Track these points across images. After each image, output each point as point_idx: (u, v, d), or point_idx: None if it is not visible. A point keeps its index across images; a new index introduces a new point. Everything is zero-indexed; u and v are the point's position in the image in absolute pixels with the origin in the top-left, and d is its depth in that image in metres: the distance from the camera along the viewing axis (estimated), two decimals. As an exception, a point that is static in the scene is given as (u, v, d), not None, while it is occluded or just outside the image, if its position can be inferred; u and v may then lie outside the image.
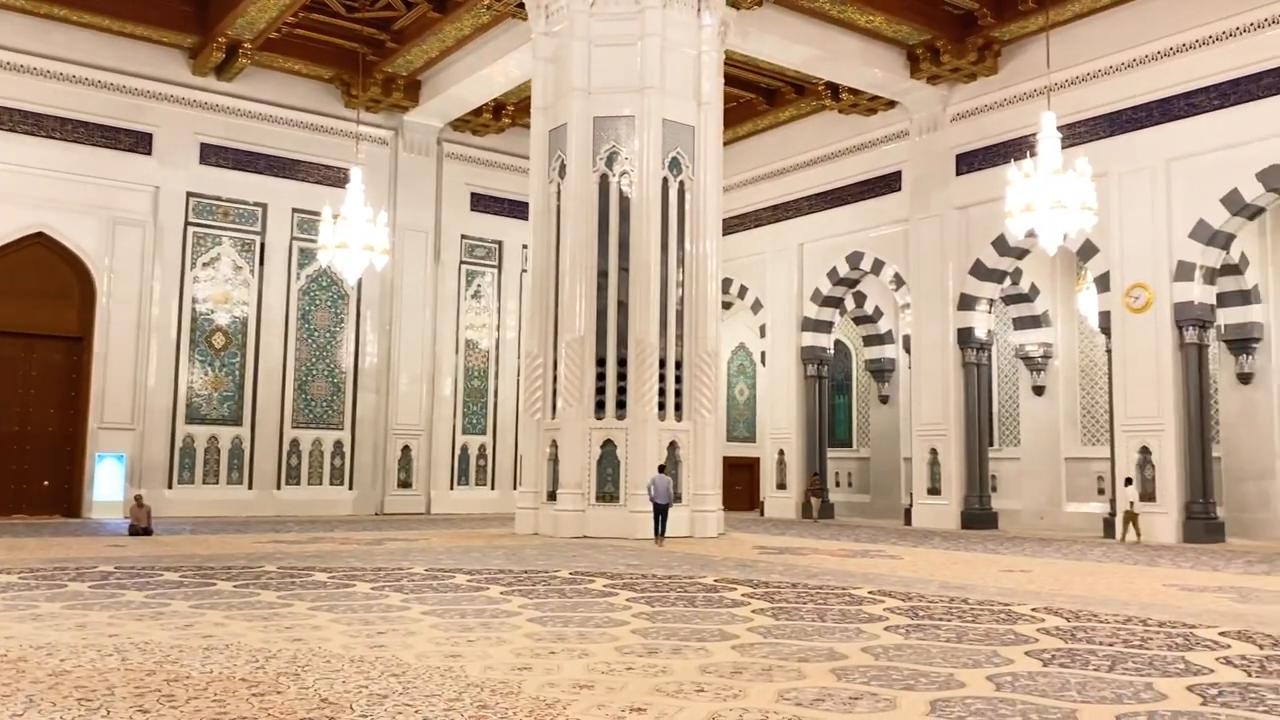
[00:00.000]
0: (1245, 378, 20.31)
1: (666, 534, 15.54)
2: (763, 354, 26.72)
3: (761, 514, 25.82)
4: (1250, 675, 5.47)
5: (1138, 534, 17.63)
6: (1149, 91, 18.65)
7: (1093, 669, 5.61)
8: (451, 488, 25.14)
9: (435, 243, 25.39)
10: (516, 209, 24.94)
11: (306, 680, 5.13)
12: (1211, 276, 18.30)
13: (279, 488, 23.08)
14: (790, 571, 11.25)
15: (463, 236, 25.87)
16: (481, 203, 26.16)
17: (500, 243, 26.24)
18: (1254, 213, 17.91)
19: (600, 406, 16.87)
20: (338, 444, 23.92)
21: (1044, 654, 6.07)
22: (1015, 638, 6.69)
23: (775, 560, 12.78)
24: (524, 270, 24.63)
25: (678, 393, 17.08)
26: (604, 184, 17.33)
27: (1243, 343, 20.24)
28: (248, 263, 23.07)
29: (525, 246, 22.27)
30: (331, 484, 23.79)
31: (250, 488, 22.71)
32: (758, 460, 27.67)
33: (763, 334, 26.54)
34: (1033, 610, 8.10)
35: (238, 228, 23.01)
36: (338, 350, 24.12)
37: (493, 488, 25.67)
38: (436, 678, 5.20)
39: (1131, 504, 17.83)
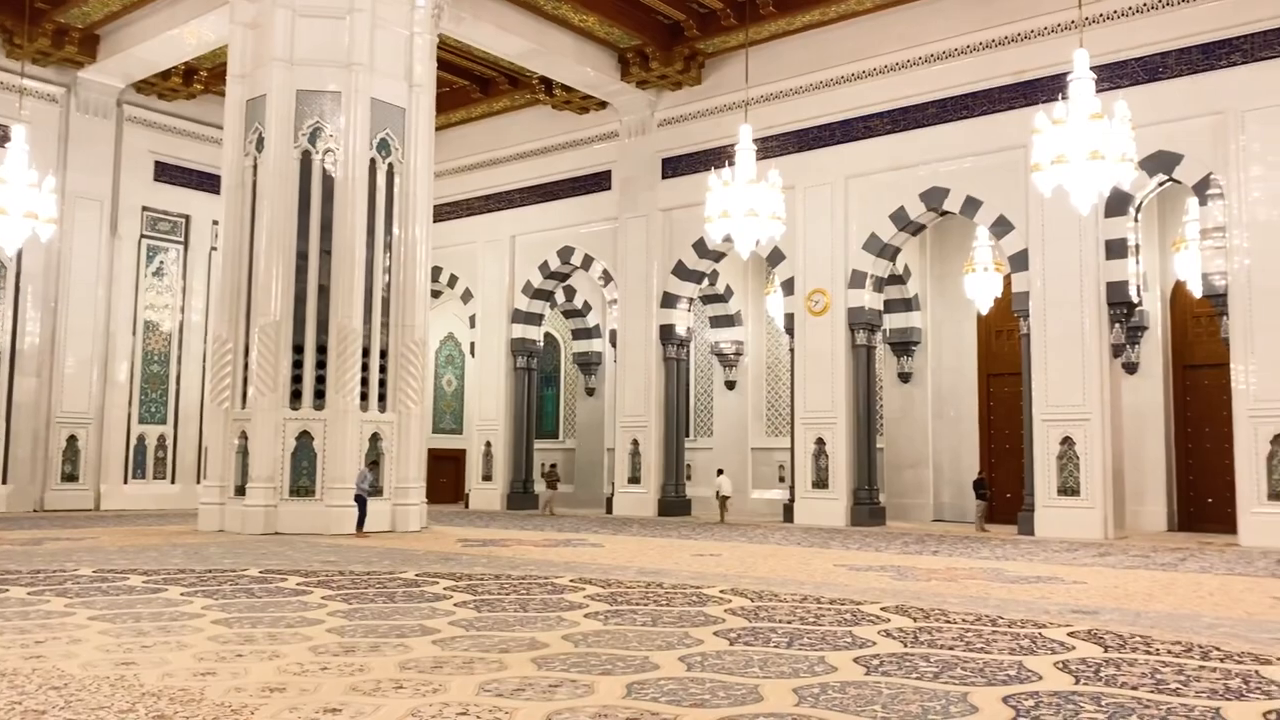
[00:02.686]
0: (906, 376, 22.62)
1: (365, 528, 15.11)
2: (472, 345, 26.55)
3: (467, 506, 25.67)
4: (906, 646, 6.08)
5: (722, 516, 20.41)
6: (832, 113, 20.28)
7: (773, 646, 6.02)
8: (125, 482, 23.03)
9: (112, 214, 23.13)
10: (207, 181, 23.24)
11: (-58, 701, 4.51)
12: (880, 285, 20.19)
13: (-89, 483, 20.23)
14: (494, 563, 11.25)
15: (144, 208, 23.77)
16: (168, 173, 24.15)
17: (188, 217, 24.35)
18: (916, 229, 19.95)
19: (296, 396, 16.08)
20: (-12, 433, 21.29)
21: (731, 633, 6.44)
22: (705, 619, 7.06)
23: (479, 553, 12.75)
24: (214, 248, 23.06)
25: (382, 383, 16.61)
26: (306, 161, 16.52)
27: (904, 345, 22.53)
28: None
29: (216, 223, 20.85)
30: (-22, 478, 21.15)
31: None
32: (464, 452, 27.46)
33: (472, 324, 26.37)
34: (721, 592, 8.58)
35: None
36: (-10, 328, 21.44)
37: (174, 482, 23.78)
38: (106, 689, 4.74)
39: (719, 490, 20.53)
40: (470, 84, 24.67)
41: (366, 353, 16.43)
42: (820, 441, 19.92)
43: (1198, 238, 17.26)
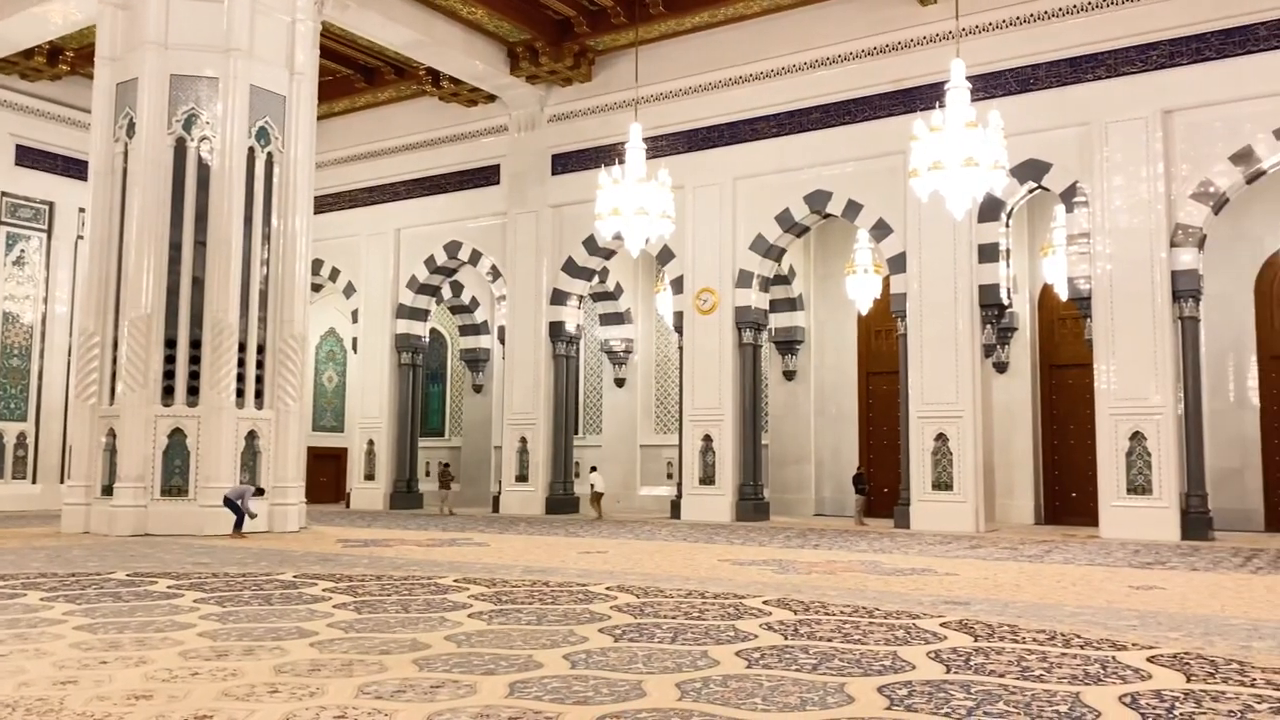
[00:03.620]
0: (790, 375, 23.07)
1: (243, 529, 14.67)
2: (354, 340, 25.97)
3: (348, 506, 25.12)
4: (787, 638, 6.20)
5: (599, 512, 20.52)
6: (721, 114, 20.53)
7: (658, 641, 6.06)
8: (-19, 482, 21.83)
9: (-32, 199, 21.87)
10: (73, 167, 22.20)
11: None
12: (766, 285, 20.55)
13: None
14: (375, 564, 11.04)
15: (4, 194, 22.53)
16: (30, 157, 22.94)
17: (52, 204, 23.19)
18: (801, 231, 20.36)
19: (169, 392, 15.47)
20: None
21: (616, 630, 6.46)
22: (591, 616, 7.06)
23: (360, 553, 12.48)
24: (80, 237, 22.01)
25: (259, 379, 16.10)
26: (180, 148, 15.90)
27: (788, 344, 22.98)
28: None
29: (83, 210, 19.89)
30: None
31: None
32: (345, 451, 26.86)
33: (355, 319, 25.80)
34: (607, 589, 8.60)
35: None
36: None
37: (35, 482, 22.64)
38: (-48, 703, 4.47)
39: (593, 486, 20.74)
40: (355, 73, 24.13)
41: (243, 348, 15.91)
42: (708, 439, 20.15)
43: (1064, 243, 18.05)
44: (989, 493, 18.09)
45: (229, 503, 14.73)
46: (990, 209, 17.41)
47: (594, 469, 21.85)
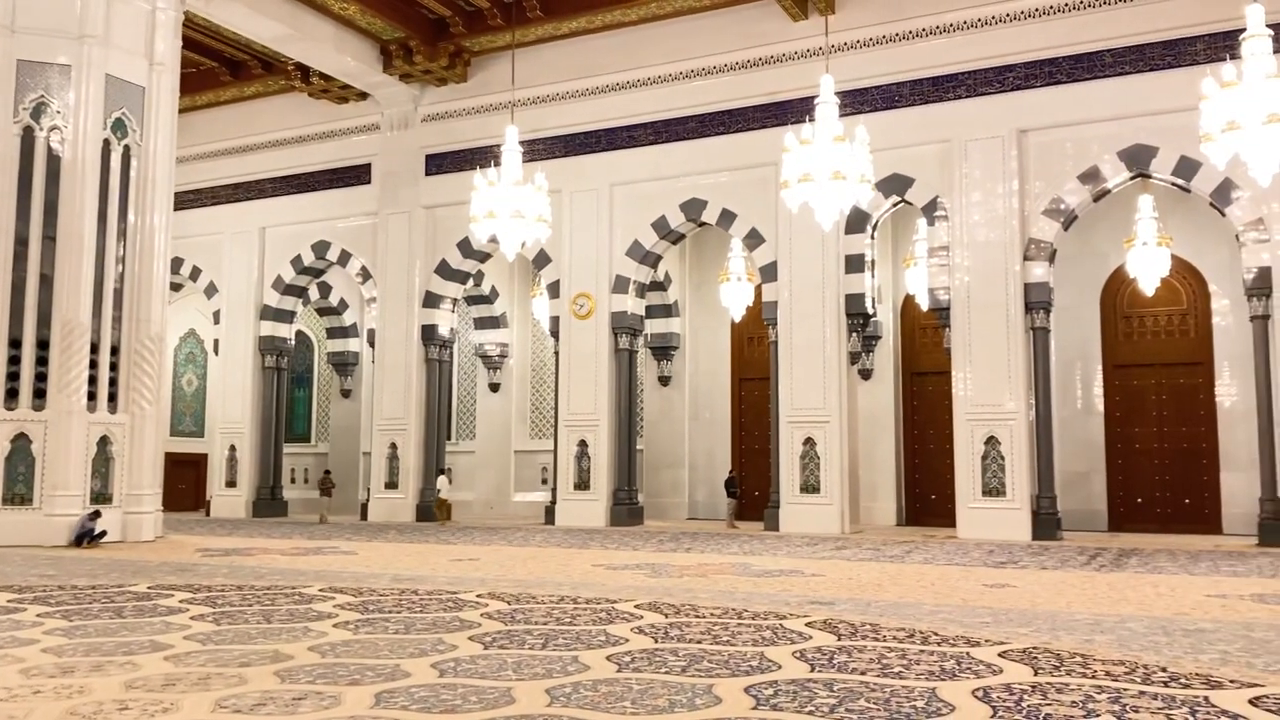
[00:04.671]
0: (665, 380, 23.31)
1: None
2: (216, 342, 25.04)
3: (208, 514, 24.16)
4: (657, 641, 6.25)
5: (439, 517, 20.59)
6: (598, 120, 20.61)
7: (528, 648, 6.04)
8: None
9: None
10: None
11: None
12: (643, 291, 20.71)
13: None
14: (236, 573, 10.65)
15: None
16: None
17: (-118, 193, 21.60)
18: (677, 238, 20.60)
19: (13, 395, 14.58)
20: None
21: (486, 637, 6.40)
22: (460, 624, 6.97)
23: (220, 562, 12.03)
24: (-85, 229, 20.56)
25: (113, 381, 15.33)
26: (28, 138, 15.04)
27: (664, 350, 23.22)
28: None
29: (-82, 201, 18.60)
30: None
31: None
32: (206, 457, 25.84)
33: (217, 320, 24.88)
34: (478, 596, 8.51)
35: None
36: None
37: None
38: None
39: (439, 490, 20.81)
40: (220, 66, 23.30)
41: (96, 348, 15.13)
42: (583, 444, 20.16)
43: (926, 255, 18.77)
44: (854, 495, 18.65)
45: (79, 538, 14.05)
46: (857, 221, 17.95)
47: (441, 472, 21.51)
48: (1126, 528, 18.60)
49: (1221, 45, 14.48)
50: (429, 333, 22.13)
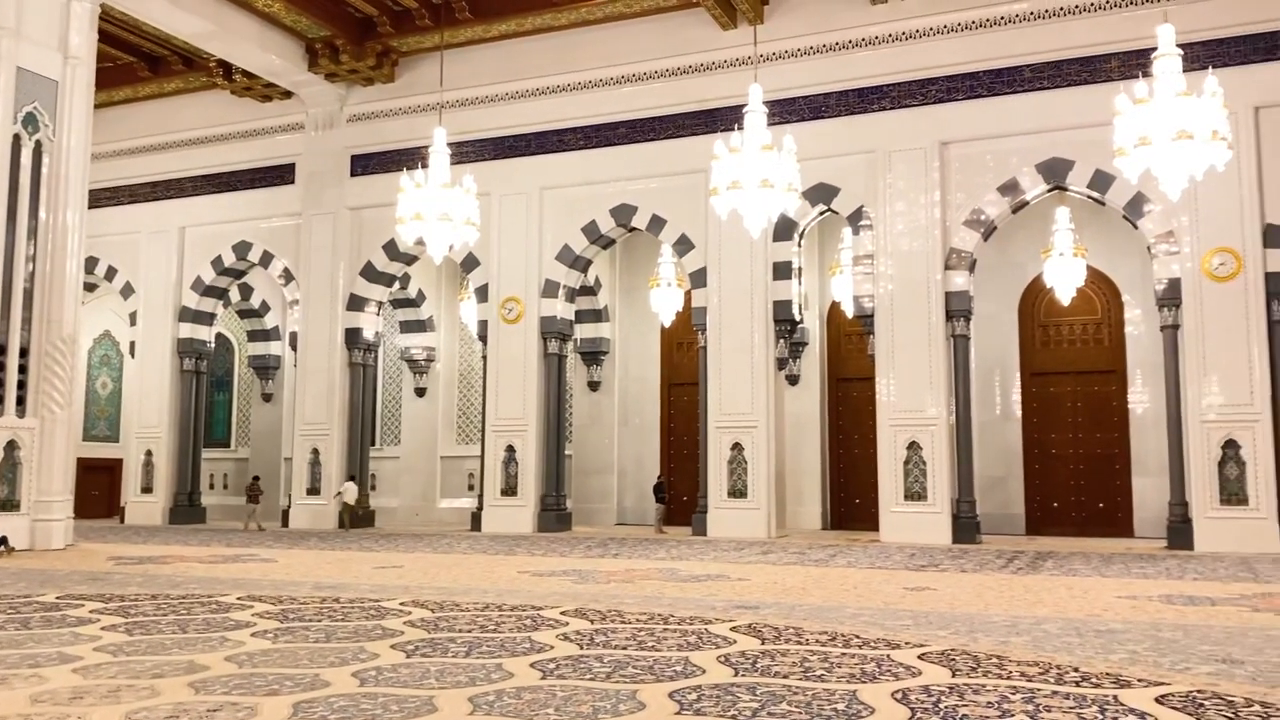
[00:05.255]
0: (594, 385, 23.28)
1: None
2: (133, 344, 24.35)
3: (123, 521, 23.46)
4: (582, 648, 6.23)
5: (345, 523, 20.41)
6: (528, 124, 20.53)
7: (451, 656, 5.97)
8: None
9: None
10: None
11: None
12: (572, 295, 20.66)
13: None
14: (151, 582, 10.36)
15: None
16: None
17: None
18: (607, 243, 20.60)
19: (-86, 397, 14.01)
20: None
21: (409, 645, 6.31)
22: (383, 632, 6.87)
23: (134, 571, 11.69)
24: None
25: (21, 384, 14.80)
26: (-67, 131, 14.48)
27: (594, 355, 23.19)
28: None
29: None
30: None
31: None
32: (121, 462, 25.10)
33: (133, 322, 24.20)
34: (401, 604, 8.40)
35: None
36: None
37: None
38: None
39: (339, 494, 20.65)
40: (138, 61, 22.70)
41: (3, 350, 14.61)
42: (511, 449, 20.03)
43: (851, 263, 19.04)
44: (780, 500, 18.83)
45: None
46: (784, 229, 18.15)
47: (351, 477, 21.13)
48: (1043, 531, 19.08)
49: (1135, 63, 14.96)
50: (353, 336, 21.79)
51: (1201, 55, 15.04)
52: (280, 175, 22.95)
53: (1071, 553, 14.82)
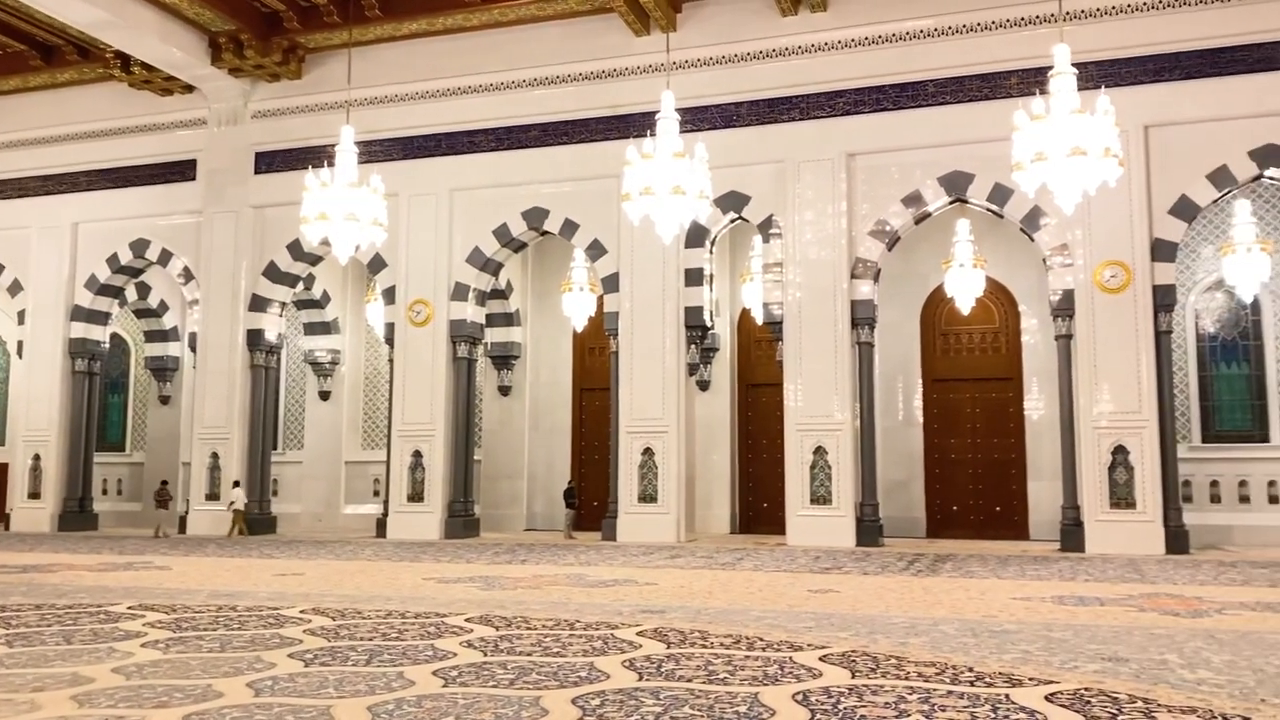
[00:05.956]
0: (505, 390, 23.10)
1: None
2: (20, 344, 23.32)
3: (8, 528, 22.44)
4: (486, 655, 6.17)
5: (243, 530, 19.91)
6: (438, 124, 20.28)
7: (351, 664, 5.85)
8: None
9: None
10: None
11: None
12: (483, 299, 20.46)
13: None
14: (35, 591, 9.92)
15: None
16: None
17: None
18: (519, 246, 20.46)
19: None
20: None
21: (307, 654, 6.17)
22: (281, 641, 6.70)
23: (17, 580, 11.18)
24: None
25: (-104, 384, 14.08)
26: None
27: (504, 359, 23.01)
28: None
29: None
30: None
31: None
32: (7, 466, 24.00)
33: (21, 321, 23.18)
34: (301, 612, 8.20)
35: None
36: None
37: None
38: None
39: (233, 503, 20.02)
40: (30, 50, 21.75)
41: (-124, 349, 13.87)
42: (418, 454, 19.73)
43: (761, 271, 19.28)
44: (690, 504, 18.94)
45: None
46: (696, 236, 18.28)
47: (236, 484, 20.49)
48: (943, 534, 19.57)
49: (1033, 80, 15.45)
50: (255, 338, 21.23)
51: (1096, 75, 15.63)
52: (181, 171, 22.25)
53: (970, 555, 15.22)
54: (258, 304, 21.25)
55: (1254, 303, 18.93)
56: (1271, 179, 16.44)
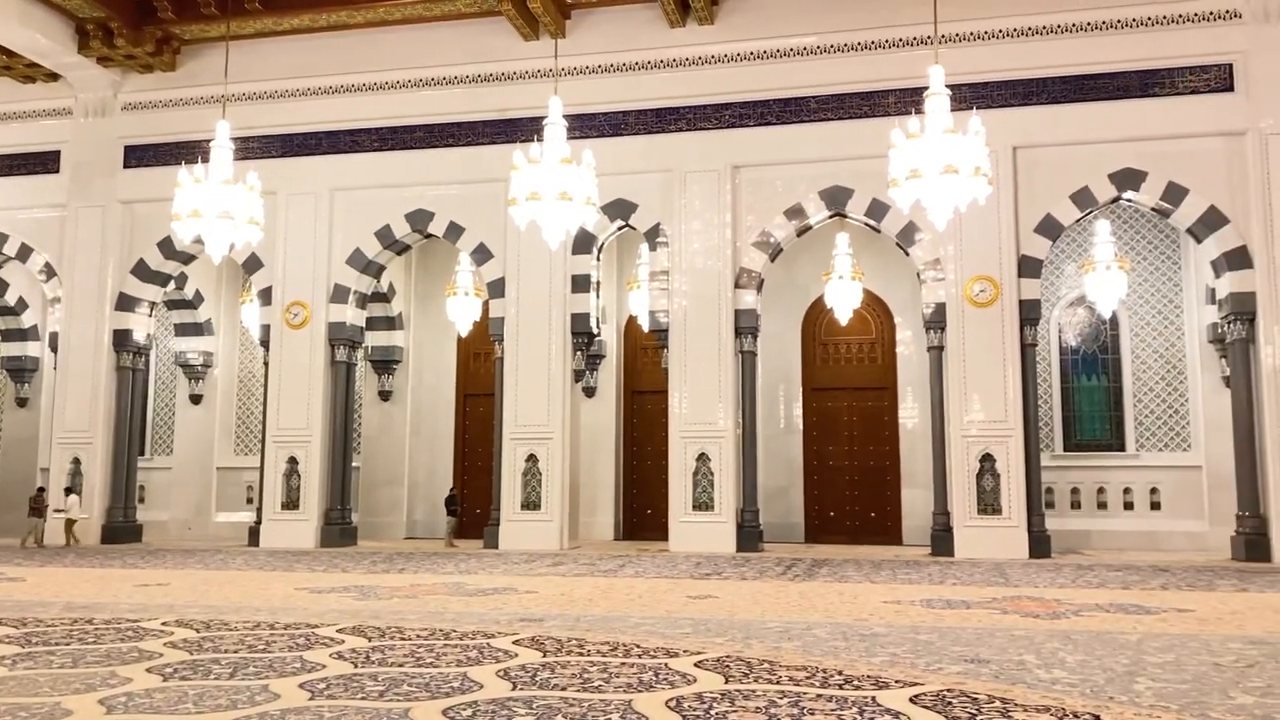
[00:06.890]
0: (386, 395, 22.66)
1: None
2: None
3: None
4: (356, 666, 6.02)
5: (75, 539, 19.19)
6: (319, 122, 19.79)
7: (214, 678, 5.64)
8: None
9: None
10: None
11: None
12: (364, 301, 20.04)
13: None
14: None
15: None
16: None
17: None
18: (402, 249, 20.10)
19: None
20: None
21: (167, 668, 5.92)
22: (140, 654, 6.42)
23: None
24: None
25: None
26: None
27: (385, 363, 22.58)
28: None
29: None
30: None
31: None
32: None
33: None
34: (163, 624, 7.87)
35: None
36: None
37: None
38: None
39: (64, 510, 19.31)
40: (-125, 27, 20.39)
41: None
42: (293, 460, 19.18)
43: (648, 279, 19.39)
44: (574, 511, 18.89)
45: None
46: (583, 242, 18.27)
47: (69, 491, 19.44)
48: (821, 539, 20.01)
49: (910, 100, 15.93)
50: (122, 338, 20.32)
51: (969, 96, 16.21)
52: (43, 163, 21.16)
53: (845, 560, 15.59)
54: (125, 303, 20.36)
55: (1112, 318, 19.95)
56: (1129, 201, 17.33)
